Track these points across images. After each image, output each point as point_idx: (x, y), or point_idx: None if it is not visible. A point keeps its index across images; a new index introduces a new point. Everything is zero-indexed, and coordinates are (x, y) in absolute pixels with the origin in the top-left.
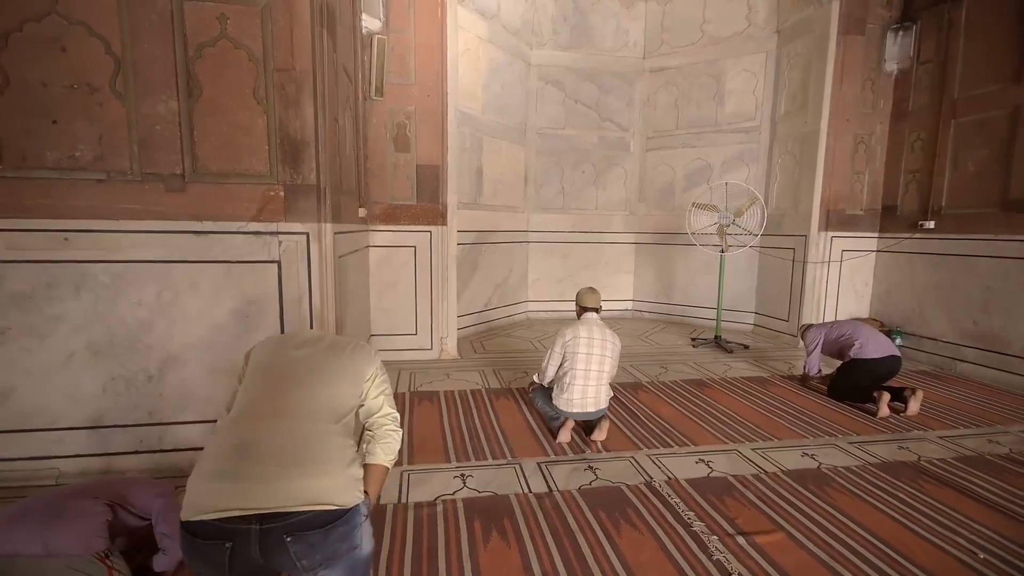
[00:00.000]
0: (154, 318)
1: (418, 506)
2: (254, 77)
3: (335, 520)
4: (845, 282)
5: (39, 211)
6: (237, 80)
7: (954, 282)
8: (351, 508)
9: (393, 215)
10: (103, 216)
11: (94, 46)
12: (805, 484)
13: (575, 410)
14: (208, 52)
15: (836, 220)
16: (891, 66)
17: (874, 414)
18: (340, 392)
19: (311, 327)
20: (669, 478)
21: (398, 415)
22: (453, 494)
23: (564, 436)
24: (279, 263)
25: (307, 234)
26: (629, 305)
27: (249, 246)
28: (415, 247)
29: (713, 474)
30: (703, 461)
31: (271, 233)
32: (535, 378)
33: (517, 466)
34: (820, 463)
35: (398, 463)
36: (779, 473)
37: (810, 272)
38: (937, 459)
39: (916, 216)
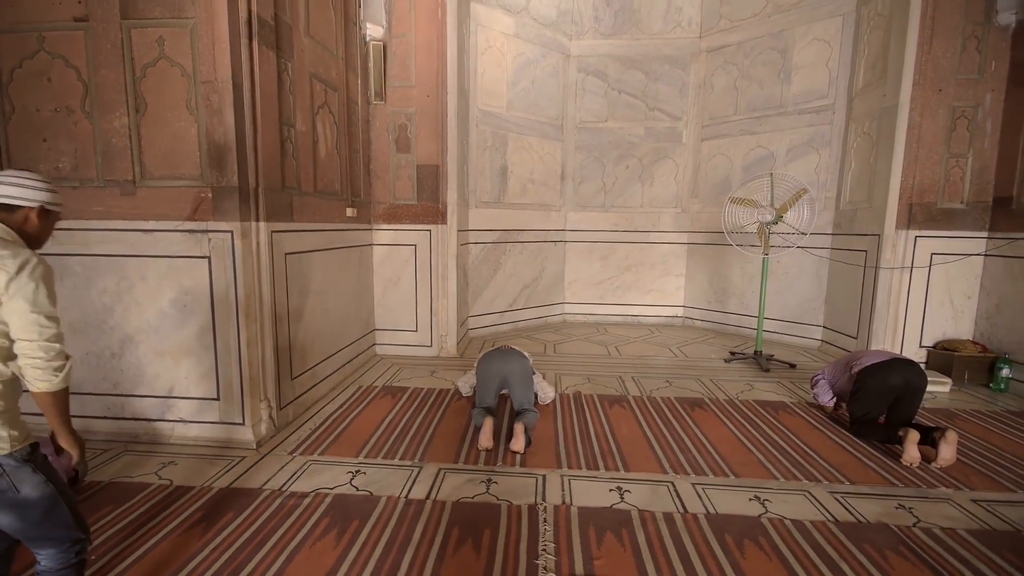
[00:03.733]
0: (115, 304)
1: (290, 495)
2: (187, 90)
3: None
4: (937, 294)
5: None
6: (174, 94)
7: None
8: None
9: (395, 214)
10: (78, 217)
11: (69, 75)
12: (721, 534)
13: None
14: (150, 71)
15: (923, 216)
16: (1007, 17)
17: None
18: None
19: (237, 316)
20: (563, 503)
21: (49, 326)
22: (332, 488)
23: (485, 440)
24: (209, 258)
25: (231, 232)
26: (680, 312)
27: (185, 243)
28: (415, 245)
29: (619, 505)
30: (620, 490)
31: (202, 231)
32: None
33: (417, 469)
34: (767, 511)
35: (307, 450)
36: (701, 515)
37: (883, 280)
38: (943, 528)
39: None
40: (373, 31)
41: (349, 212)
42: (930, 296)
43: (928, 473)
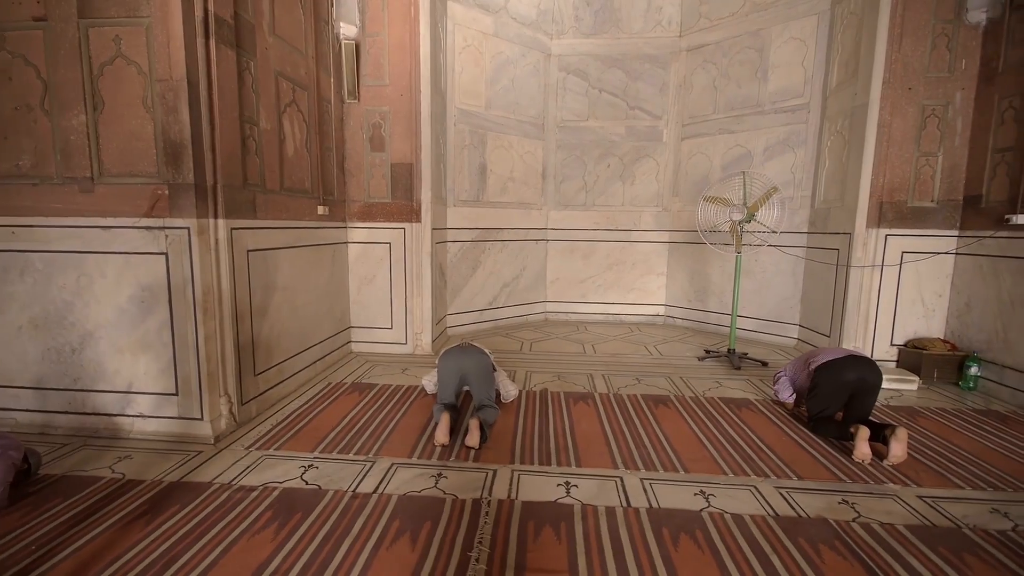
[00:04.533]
0: (75, 300)
1: (238, 489)
2: (143, 88)
3: None
4: (908, 292)
5: None
6: (130, 92)
7: None
8: None
9: (370, 213)
10: (38, 214)
11: (29, 73)
12: (659, 527)
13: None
14: (108, 70)
15: (893, 214)
16: (977, 16)
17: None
18: None
19: (195, 313)
20: (508, 498)
21: None
22: (282, 483)
23: (441, 436)
24: (166, 255)
25: (188, 228)
26: (661, 310)
27: (143, 239)
28: (390, 244)
29: (563, 500)
30: (567, 485)
31: (159, 228)
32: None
33: (370, 464)
34: (709, 506)
35: (264, 446)
36: (643, 509)
37: (854, 278)
38: (883, 523)
39: (1005, 208)
40: (346, 30)
41: (320, 210)
42: (901, 295)
43: (879, 470)
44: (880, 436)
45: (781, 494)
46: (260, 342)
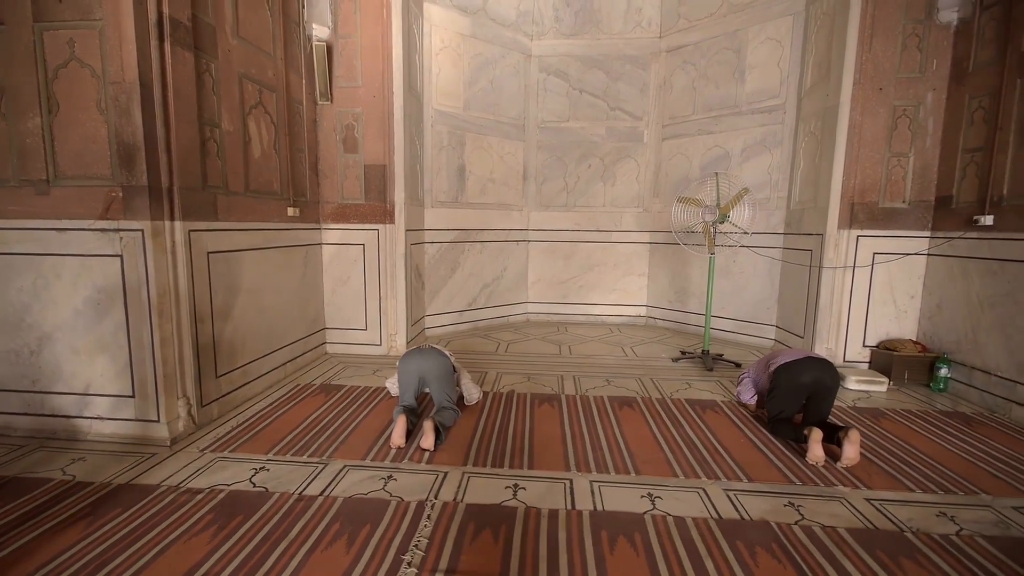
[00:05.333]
0: (32, 302)
1: (184, 491)
2: (97, 91)
3: None
4: (880, 293)
5: None
6: (84, 95)
7: (1014, 297)
8: None
9: (343, 214)
10: None
11: None
12: (598, 530)
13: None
14: (62, 73)
15: (864, 215)
16: (948, 15)
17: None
18: None
19: (150, 315)
20: (453, 500)
21: None
22: (230, 485)
23: (397, 438)
24: (121, 257)
25: (142, 230)
26: (643, 311)
27: (98, 241)
28: (364, 245)
29: (509, 502)
30: (515, 487)
31: (114, 230)
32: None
33: (322, 466)
34: (654, 508)
35: (219, 448)
36: (586, 512)
37: (826, 279)
38: (824, 526)
39: (974, 209)
40: (319, 32)
41: (291, 212)
42: (873, 296)
43: (832, 472)
44: (835, 438)
45: (728, 496)
46: (223, 344)
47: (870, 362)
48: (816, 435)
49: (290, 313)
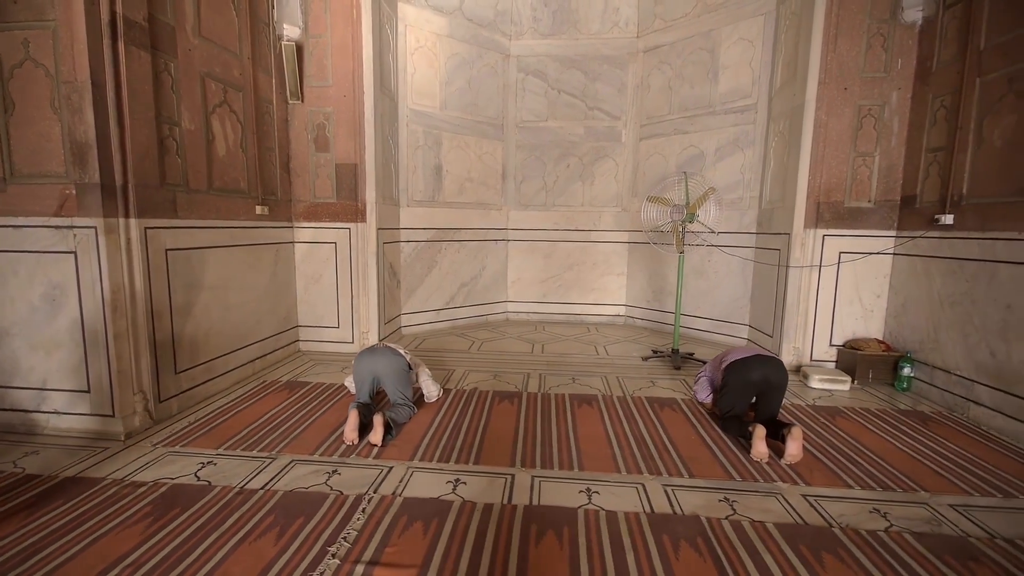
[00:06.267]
0: None
1: (128, 484)
2: (51, 90)
3: None
4: (847, 293)
5: None
6: (39, 94)
7: (972, 296)
8: None
9: (315, 213)
10: None
11: None
12: (528, 524)
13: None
14: (17, 72)
15: (830, 215)
16: (912, 14)
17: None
18: None
19: (104, 309)
20: (392, 494)
21: None
22: (174, 479)
23: (349, 434)
24: (75, 253)
25: (95, 227)
26: (622, 310)
27: (53, 238)
28: (336, 243)
29: (447, 496)
30: (456, 482)
31: (67, 227)
32: None
33: (270, 461)
34: (590, 503)
35: (172, 442)
36: (521, 506)
37: (793, 278)
38: (754, 521)
39: (937, 208)
40: (290, 31)
41: (259, 210)
42: (839, 295)
43: (775, 468)
44: (780, 435)
45: (666, 492)
46: (183, 340)
47: (837, 361)
48: (759, 432)
49: (258, 310)
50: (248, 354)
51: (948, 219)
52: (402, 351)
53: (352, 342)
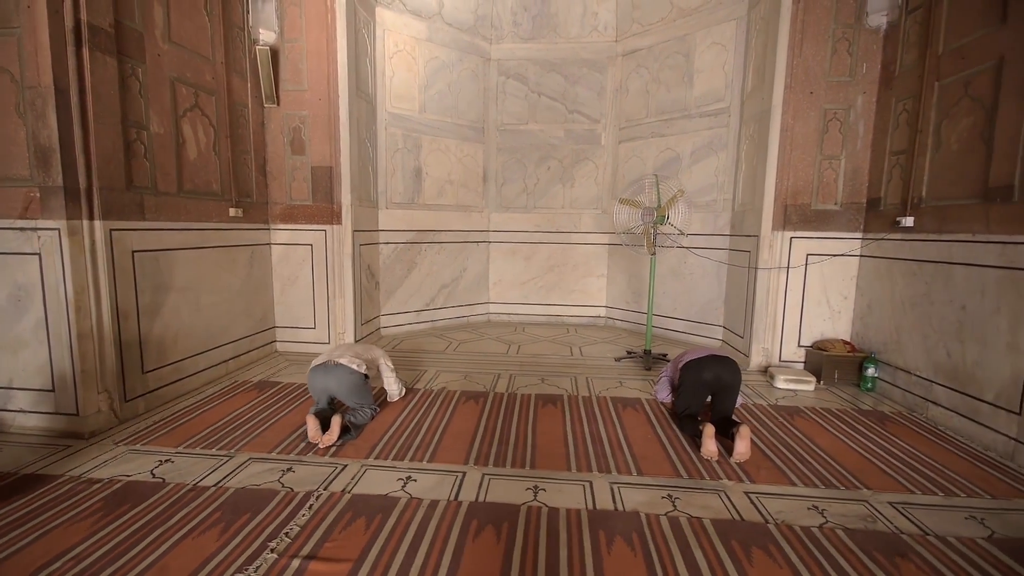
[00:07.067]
0: None
1: (85, 481)
2: (16, 95)
3: None
4: (814, 294)
5: None
6: (5, 100)
7: (930, 298)
8: None
9: (291, 215)
10: None
11: None
12: (469, 521)
13: (316, 363)
14: None
15: (797, 217)
16: (877, 19)
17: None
18: None
19: (67, 309)
20: (341, 491)
21: None
22: (130, 476)
23: (311, 435)
24: (40, 255)
25: (59, 229)
26: (602, 312)
27: (18, 240)
28: (312, 245)
29: (395, 493)
30: (407, 480)
31: (32, 229)
32: None
33: (227, 459)
34: (535, 500)
35: (134, 441)
36: (466, 503)
37: (762, 280)
38: (691, 517)
39: (899, 211)
40: (266, 36)
41: (233, 212)
42: (807, 297)
43: (724, 466)
44: (730, 433)
45: (612, 489)
46: (151, 340)
47: (805, 362)
48: (709, 430)
49: (233, 311)
50: (221, 354)
51: (909, 221)
52: (356, 364)
53: (329, 343)
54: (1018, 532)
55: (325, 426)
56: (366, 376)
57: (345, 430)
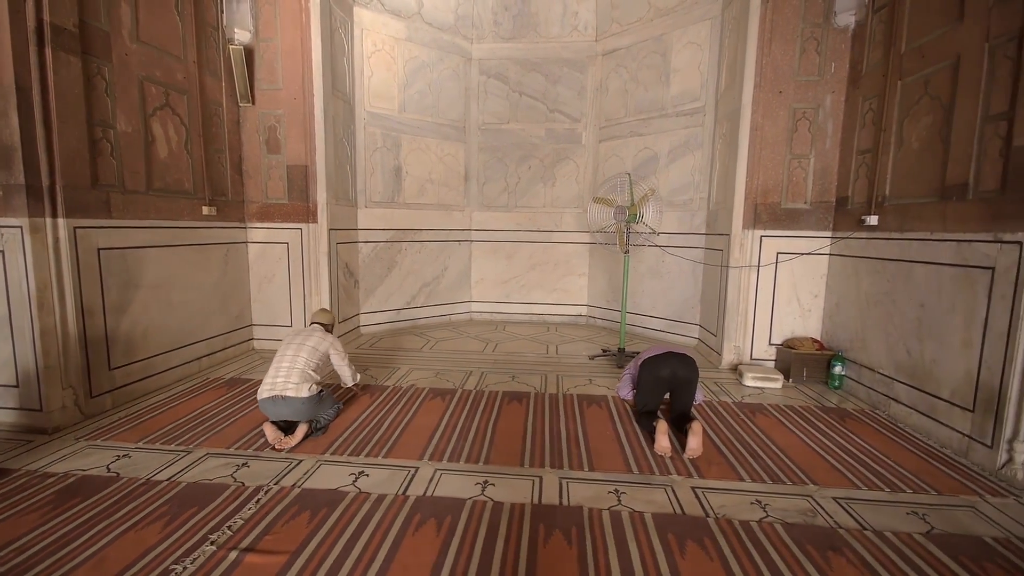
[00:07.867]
0: None
1: (40, 475)
2: None
3: None
4: (785, 292)
5: None
6: None
7: (892, 296)
8: None
9: (268, 213)
10: None
11: None
12: (412, 515)
13: (263, 395)
14: None
15: (767, 216)
16: (845, 19)
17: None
18: None
19: (31, 306)
20: (290, 485)
21: None
22: (86, 471)
23: (268, 433)
24: (2, 252)
25: (21, 227)
26: (584, 311)
27: None
28: (288, 244)
29: (345, 488)
30: (359, 474)
31: None
32: None
33: (184, 454)
34: (482, 495)
35: (96, 437)
36: (412, 497)
37: (733, 278)
38: (634, 511)
39: (864, 210)
40: (240, 35)
41: (206, 211)
42: (778, 295)
43: (676, 462)
44: (684, 429)
45: (561, 483)
46: (118, 337)
47: (776, 360)
48: (662, 427)
49: (206, 309)
50: (194, 351)
51: (873, 220)
52: (307, 390)
53: None
54: (957, 528)
55: (290, 430)
56: (321, 391)
57: (312, 430)
